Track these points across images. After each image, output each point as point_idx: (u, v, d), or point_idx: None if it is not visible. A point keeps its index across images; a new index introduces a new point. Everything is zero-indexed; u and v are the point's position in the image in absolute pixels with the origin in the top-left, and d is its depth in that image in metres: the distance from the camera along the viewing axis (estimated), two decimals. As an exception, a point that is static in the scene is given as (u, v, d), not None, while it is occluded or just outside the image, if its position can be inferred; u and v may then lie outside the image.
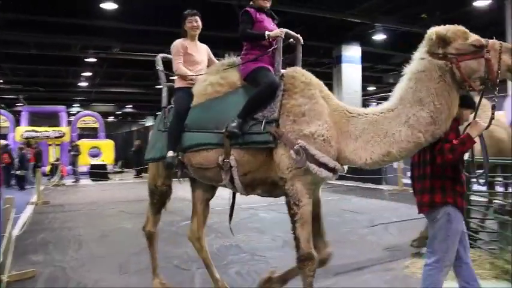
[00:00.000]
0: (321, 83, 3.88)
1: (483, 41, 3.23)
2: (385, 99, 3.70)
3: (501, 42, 3.23)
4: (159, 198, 4.73)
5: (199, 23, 4.56)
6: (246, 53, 4.09)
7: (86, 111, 32.00)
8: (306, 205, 3.60)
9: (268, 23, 4.13)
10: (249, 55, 4.04)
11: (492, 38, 3.28)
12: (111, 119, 50.46)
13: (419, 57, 3.37)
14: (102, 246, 7.52)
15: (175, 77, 4.59)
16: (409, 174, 3.93)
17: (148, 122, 45.86)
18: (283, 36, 3.89)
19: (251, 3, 4.19)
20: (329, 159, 3.49)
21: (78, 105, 39.96)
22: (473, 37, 3.26)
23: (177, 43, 4.55)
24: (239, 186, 3.91)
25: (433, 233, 3.50)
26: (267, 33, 3.89)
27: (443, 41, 3.26)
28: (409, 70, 3.42)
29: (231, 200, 4.48)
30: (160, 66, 4.82)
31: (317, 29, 16.36)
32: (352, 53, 18.70)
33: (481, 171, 3.77)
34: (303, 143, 3.49)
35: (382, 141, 3.40)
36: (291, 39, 4.13)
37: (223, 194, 4.52)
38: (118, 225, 9.39)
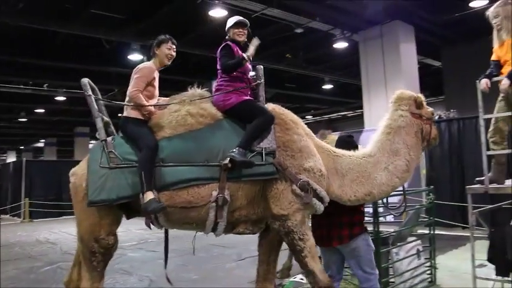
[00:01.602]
0: (302, 121, 4.02)
1: None
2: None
3: None
4: (103, 254, 3.69)
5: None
6: (225, 84, 3.97)
7: None
8: (311, 237, 3.64)
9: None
10: (228, 87, 3.94)
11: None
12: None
13: (399, 114, 4.03)
14: None
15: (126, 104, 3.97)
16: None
17: (10, 157, 42.41)
18: (251, 55, 3.92)
19: (227, 36, 4.18)
20: (325, 194, 3.65)
21: None
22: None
23: (149, 68, 4.01)
24: (222, 225, 3.64)
25: (356, 258, 4.00)
26: (245, 55, 3.88)
27: (421, 104, 4.08)
28: (387, 124, 4.04)
29: (165, 242, 4.06)
30: (89, 91, 4.02)
31: (187, 64, 16.63)
32: (223, 89, 19.14)
33: None
34: (305, 178, 3.56)
35: (366, 182, 3.85)
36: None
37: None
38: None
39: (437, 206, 7.05)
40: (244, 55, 3.91)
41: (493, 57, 4.73)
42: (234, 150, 3.53)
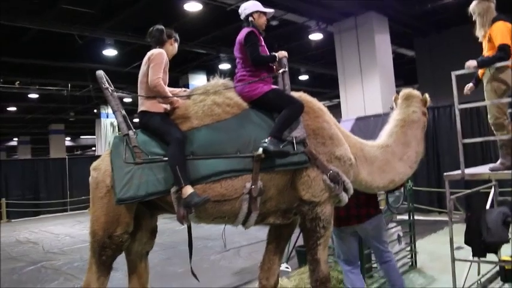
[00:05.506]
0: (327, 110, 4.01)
1: None
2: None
3: None
4: (114, 250, 3.57)
5: None
6: (249, 74, 3.85)
7: None
8: (331, 228, 3.71)
9: (265, 46, 4.00)
10: (252, 77, 3.82)
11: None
12: None
13: (412, 110, 4.32)
14: None
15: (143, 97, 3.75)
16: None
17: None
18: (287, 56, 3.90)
19: (247, 22, 4.00)
20: (351, 186, 3.69)
21: None
22: None
23: (163, 54, 3.77)
24: (254, 216, 3.58)
25: (377, 235, 4.39)
26: (277, 54, 3.85)
27: (426, 103, 4.45)
28: (401, 118, 4.31)
29: (189, 237, 3.90)
30: (106, 84, 3.75)
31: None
32: (198, 82, 19.12)
33: None
34: (335, 168, 3.58)
35: (389, 170, 4.07)
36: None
37: (71, 232, 4.23)
38: None
39: (414, 192, 7.24)
40: (276, 54, 3.87)
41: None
42: (266, 140, 3.49)
